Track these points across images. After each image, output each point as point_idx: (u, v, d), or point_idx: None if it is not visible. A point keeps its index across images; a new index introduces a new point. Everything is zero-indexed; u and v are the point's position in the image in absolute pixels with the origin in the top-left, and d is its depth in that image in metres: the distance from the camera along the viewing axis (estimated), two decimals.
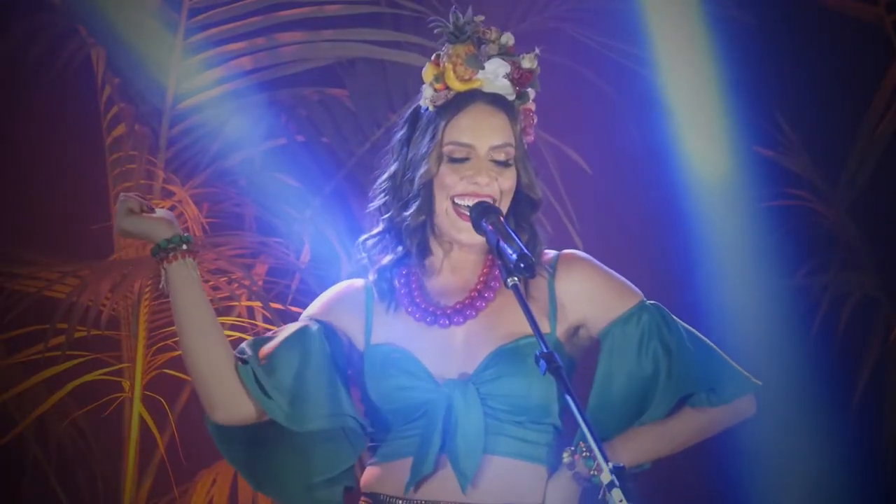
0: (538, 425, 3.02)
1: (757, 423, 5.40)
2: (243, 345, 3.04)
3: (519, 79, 3.10)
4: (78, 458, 5.20)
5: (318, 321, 3.09)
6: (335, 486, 3.06)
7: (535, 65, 3.12)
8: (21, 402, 5.00)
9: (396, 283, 3.11)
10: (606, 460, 2.59)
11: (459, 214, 3.04)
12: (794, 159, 5.61)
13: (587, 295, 3.10)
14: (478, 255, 3.11)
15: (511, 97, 3.11)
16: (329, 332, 3.07)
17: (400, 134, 3.15)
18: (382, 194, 3.14)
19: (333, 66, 5.37)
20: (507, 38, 3.11)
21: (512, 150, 3.08)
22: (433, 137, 3.07)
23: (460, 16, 3.11)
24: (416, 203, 3.07)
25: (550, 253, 3.14)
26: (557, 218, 5.26)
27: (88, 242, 5.14)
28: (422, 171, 3.06)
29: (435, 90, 3.10)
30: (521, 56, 3.12)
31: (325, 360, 3.03)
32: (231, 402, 3.00)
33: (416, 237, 3.09)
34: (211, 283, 4.86)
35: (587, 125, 5.55)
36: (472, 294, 3.07)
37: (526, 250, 2.89)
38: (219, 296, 4.90)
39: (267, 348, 3.03)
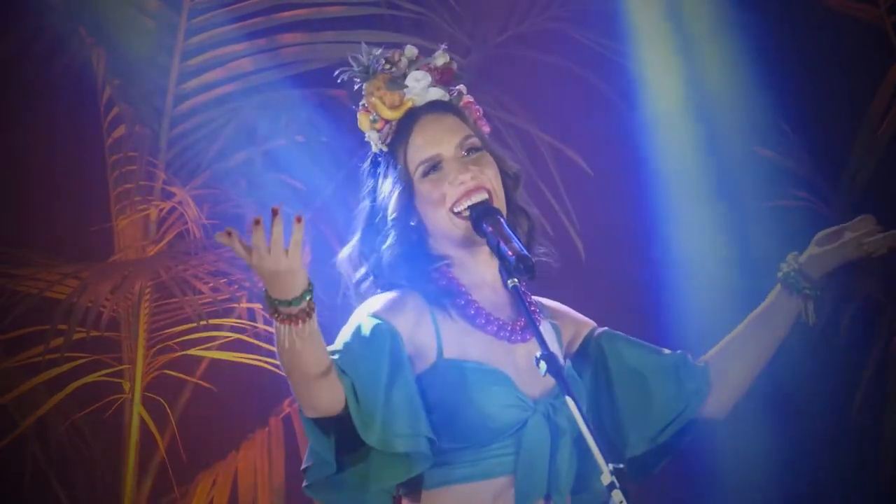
0: None
1: (757, 425, 5.42)
2: (338, 349, 2.91)
3: (441, 79, 3.12)
4: (78, 460, 5.20)
5: (389, 324, 2.97)
6: (387, 493, 2.98)
7: (447, 59, 3.14)
8: (21, 404, 5.00)
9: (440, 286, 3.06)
10: (607, 461, 2.60)
11: (462, 217, 3.04)
12: (794, 159, 5.60)
13: (572, 319, 3.18)
14: None
15: (447, 98, 3.13)
16: (402, 341, 2.96)
17: (365, 187, 3.14)
18: (359, 242, 3.11)
19: (334, 67, 5.36)
20: (410, 51, 3.13)
21: (476, 140, 3.08)
22: (396, 167, 3.07)
23: (360, 56, 3.11)
24: (393, 235, 3.05)
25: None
26: (558, 220, 5.26)
27: (89, 244, 5.14)
28: (393, 199, 3.05)
29: (378, 131, 3.12)
30: (432, 58, 3.14)
31: (405, 373, 2.92)
32: (333, 406, 2.86)
33: (398, 271, 3.04)
34: (211, 284, 4.87)
35: (587, 126, 5.55)
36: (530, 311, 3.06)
37: (525, 251, 2.89)
38: (219, 297, 4.90)
39: (356, 353, 2.91)
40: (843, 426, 5.43)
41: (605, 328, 3.18)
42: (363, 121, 3.14)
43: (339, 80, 3.17)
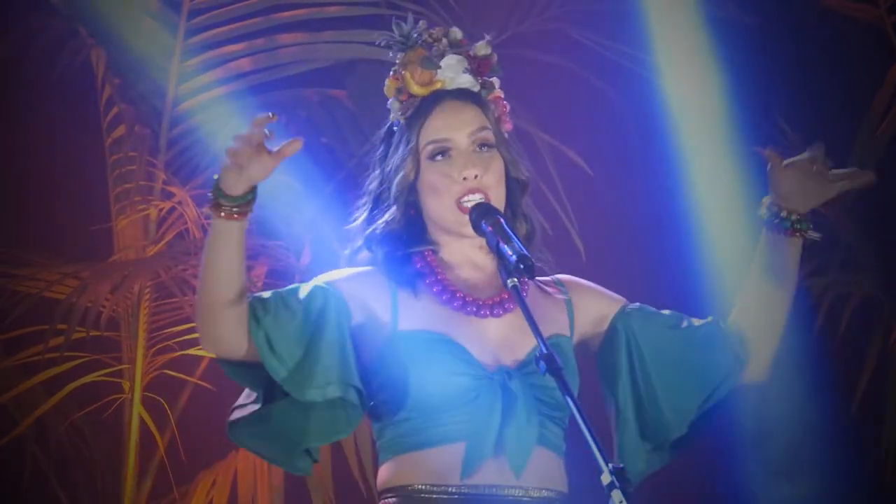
0: (562, 423, 3.04)
1: (756, 425, 5.41)
2: (262, 295, 2.96)
3: (478, 68, 3.13)
4: (78, 460, 5.20)
5: (334, 288, 3.02)
6: (312, 455, 3.01)
7: (489, 51, 3.14)
8: (21, 403, 5.00)
9: (414, 269, 3.09)
10: (606, 461, 2.60)
11: (463, 211, 3.04)
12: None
13: (598, 296, 3.17)
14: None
15: (476, 89, 3.13)
16: (345, 304, 3.01)
17: (377, 153, 3.17)
18: (363, 209, 3.14)
19: (333, 67, 5.38)
20: (455, 33, 3.14)
21: (490, 135, 3.09)
22: (408, 143, 3.09)
23: (403, 24, 3.12)
24: (393, 210, 3.08)
25: (548, 277, 3.17)
26: (558, 220, 5.26)
27: (89, 244, 5.15)
28: (399, 176, 3.07)
29: (401, 101, 3.14)
30: (474, 45, 3.14)
31: (340, 326, 2.97)
32: (233, 346, 2.92)
33: (386, 245, 3.07)
34: None
35: (587, 126, 5.55)
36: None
37: (525, 251, 2.89)
38: None
39: (285, 300, 2.97)
40: (843, 425, 5.43)
41: (637, 304, 3.17)
42: (390, 87, 3.16)
43: (378, 44, 3.19)
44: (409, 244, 3.08)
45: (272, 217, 5.22)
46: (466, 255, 3.10)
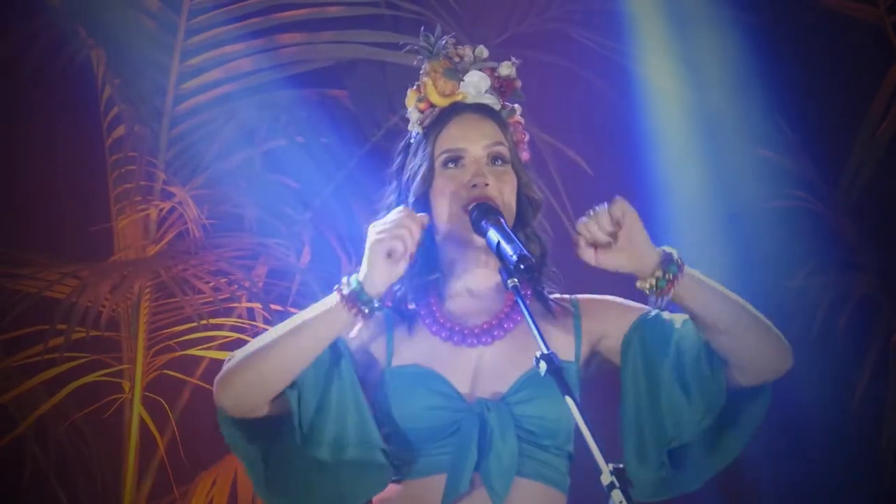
0: (559, 451, 3.02)
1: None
2: None
3: (500, 88, 3.13)
4: (78, 460, 5.20)
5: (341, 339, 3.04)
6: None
7: (512, 72, 3.14)
8: (21, 403, 5.00)
9: (413, 305, 3.10)
10: (606, 462, 2.59)
11: (466, 216, 3.04)
12: (794, 160, 5.61)
13: (607, 309, 3.12)
14: (498, 279, 3.10)
15: (497, 108, 3.14)
16: (351, 355, 3.04)
17: (394, 165, 3.17)
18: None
19: (334, 68, 5.38)
20: (481, 51, 3.14)
21: (506, 151, 3.10)
22: (425, 152, 3.09)
23: (431, 35, 3.13)
24: None
25: (568, 296, 3.15)
26: (558, 219, 5.26)
27: (89, 244, 5.15)
28: (415, 184, 3.07)
29: (420, 111, 3.13)
30: (499, 64, 3.14)
31: (352, 381, 2.99)
32: (256, 407, 2.96)
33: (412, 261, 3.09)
34: (211, 284, 4.86)
35: (587, 126, 5.55)
36: (500, 315, 3.06)
37: (525, 251, 2.89)
38: (219, 297, 4.90)
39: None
40: (843, 425, 5.43)
41: (655, 313, 3.09)
42: (411, 97, 3.16)
43: (404, 50, 3.19)
44: (420, 267, 3.09)
45: (272, 217, 5.23)
46: (465, 285, 3.10)
